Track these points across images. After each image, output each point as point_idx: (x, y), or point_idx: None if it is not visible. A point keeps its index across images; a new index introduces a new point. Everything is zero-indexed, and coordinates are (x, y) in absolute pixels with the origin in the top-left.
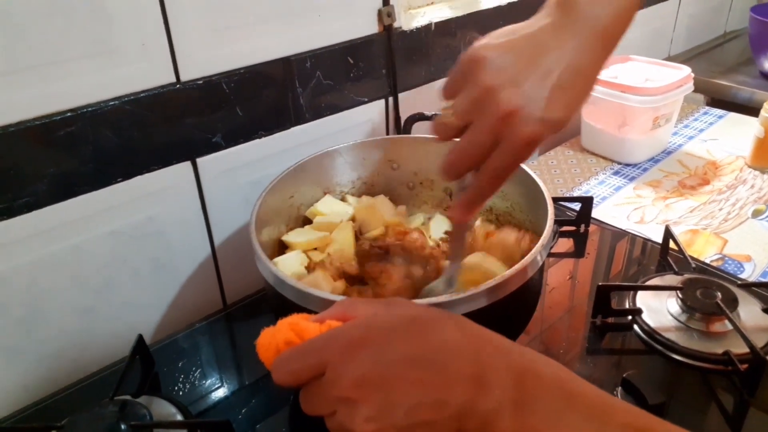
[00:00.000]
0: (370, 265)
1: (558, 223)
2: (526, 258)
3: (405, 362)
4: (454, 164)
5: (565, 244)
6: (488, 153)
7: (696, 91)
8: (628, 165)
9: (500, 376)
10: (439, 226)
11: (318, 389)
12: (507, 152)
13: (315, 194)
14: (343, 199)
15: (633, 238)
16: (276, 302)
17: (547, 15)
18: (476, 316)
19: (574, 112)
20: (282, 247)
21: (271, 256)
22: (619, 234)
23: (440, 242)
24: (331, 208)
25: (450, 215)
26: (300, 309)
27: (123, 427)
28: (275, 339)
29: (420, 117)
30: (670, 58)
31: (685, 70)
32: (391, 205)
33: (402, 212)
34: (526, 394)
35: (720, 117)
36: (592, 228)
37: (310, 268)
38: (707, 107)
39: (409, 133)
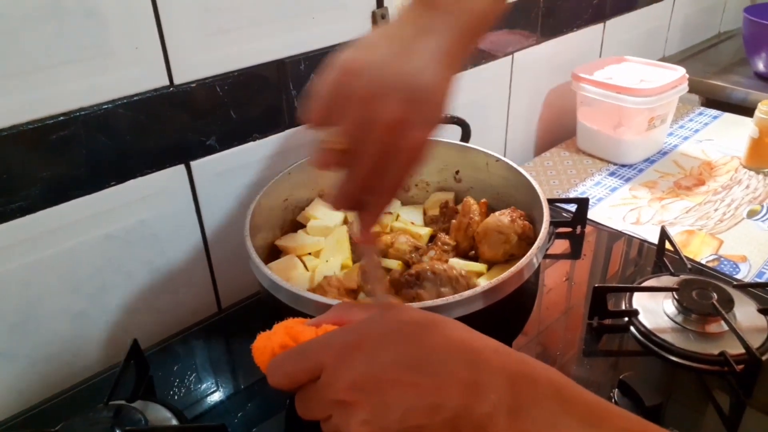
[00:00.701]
0: (403, 292)
1: (554, 224)
2: (522, 260)
3: (400, 366)
4: (353, 192)
5: (560, 246)
6: (384, 169)
7: (691, 91)
8: (623, 166)
9: (495, 380)
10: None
11: (313, 393)
12: (403, 162)
13: (310, 197)
14: None
15: (629, 239)
16: (271, 306)
17: (410, 12)
18: (473, 318)
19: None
20: (277, 251)
21: (266, 260)
22: (615, 235)
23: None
24: (324, 212)
25: (360, 241)
26: (295, 312)
27: None
28: (271, 342)
29: None
30: (664, 59)
31: (679, 71)
32: None
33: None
34: (521, 399)
35: (715, 117)
36: (588, 229)
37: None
38: (702, 108)
39: None
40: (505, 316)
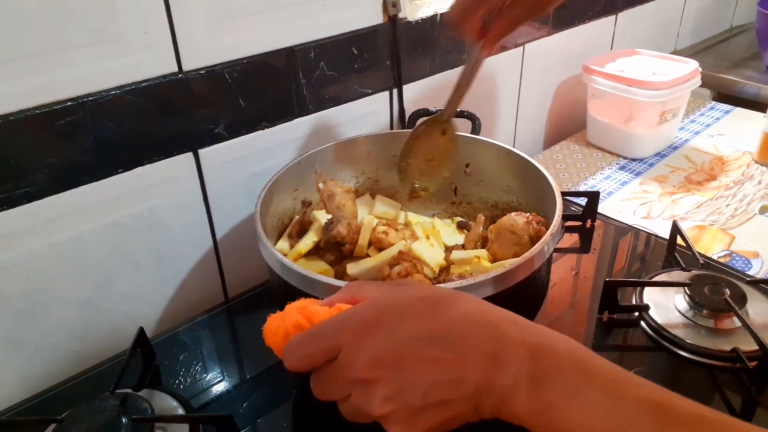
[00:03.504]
0: None
1: (564, 218)
2: (533, 248)
3: (420, 341)
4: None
5: (569, 240)
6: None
7: (702, 85)
8: (634, 160)
9: (516, 352)
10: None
11: (331, 373)
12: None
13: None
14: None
15: (639, 233)
16: (280, 290)
17: None
18: None
19: None
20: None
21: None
22: (625, 229)
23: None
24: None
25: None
26: (305, 295)
27: (124, 421)
28: (284, 323)
29: (425, 113)
30: (676, 52)
31: (692, 65)
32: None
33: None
34: (542, 370)
35: (727, 112)
36: (596, 223)
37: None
38: (714, 102)
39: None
40: (513, 306)
